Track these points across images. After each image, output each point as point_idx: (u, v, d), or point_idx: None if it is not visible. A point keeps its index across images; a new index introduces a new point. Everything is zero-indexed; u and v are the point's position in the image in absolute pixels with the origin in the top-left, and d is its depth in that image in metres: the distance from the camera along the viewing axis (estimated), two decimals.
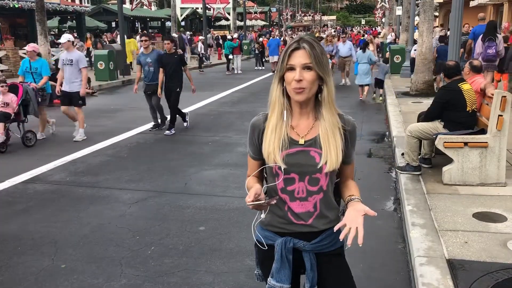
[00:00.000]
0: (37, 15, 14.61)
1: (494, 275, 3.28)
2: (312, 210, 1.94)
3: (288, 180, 1.92)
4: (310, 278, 1.97)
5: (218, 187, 5.82)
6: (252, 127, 1.99)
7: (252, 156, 2.02)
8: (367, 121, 9.67)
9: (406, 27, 19.82)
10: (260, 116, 1.99)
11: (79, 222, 4.79)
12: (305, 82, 1.80)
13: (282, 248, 1.95)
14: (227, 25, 44.54)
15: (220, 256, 3.98)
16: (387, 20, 37.37)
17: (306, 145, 1.90)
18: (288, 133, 1.90)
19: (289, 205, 1.94)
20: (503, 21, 20.19)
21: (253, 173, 2.01)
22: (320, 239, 1.97)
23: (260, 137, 1.96)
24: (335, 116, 1.91)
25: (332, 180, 1.98)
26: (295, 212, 1.94)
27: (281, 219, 1.97)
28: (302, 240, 1.96)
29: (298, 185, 1.92)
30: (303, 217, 1.94)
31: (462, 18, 7.44)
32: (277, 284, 1.96)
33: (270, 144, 1.89)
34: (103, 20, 34.76)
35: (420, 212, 4.42)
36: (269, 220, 1.98)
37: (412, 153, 5.54)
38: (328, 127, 1.88)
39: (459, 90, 5.35)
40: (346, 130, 1.93)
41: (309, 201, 1.93)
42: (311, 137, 1.91)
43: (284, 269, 1.95)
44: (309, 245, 1.96)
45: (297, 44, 1.83)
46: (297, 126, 1.93)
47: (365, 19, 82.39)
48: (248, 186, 1.93)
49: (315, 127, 1.91)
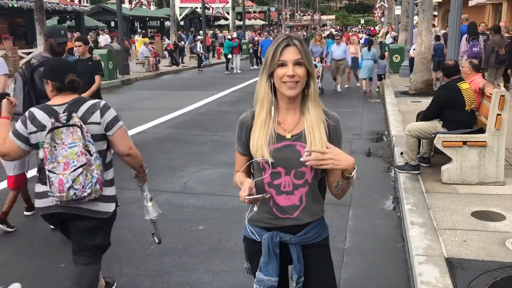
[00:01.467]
0: (36, 14, 14.60)
1: (493, 274, 3.29)
2: (298, 204, 2.00)
3: (274, 174, 1.97)
4: (297, 270, 2.03)
5: (217, 186, 5.83)
6: (240, 124, 2.06)
7: (240, 152, 2.09)
8: (366, 121, 9.67)
9: (405, 26, 19.85)
10: (248, 113, 2.05)
11: None
12: (297, 77, 1.88)
13: (269, 242, 2.00)
14: (226, 24, 44.55)
15: (220, 255, 3.99)
16: (386, 20, 37.41)
17: (293, 139, 1.96)
18: (275, 128, 1.96)
19: (274, 199, 2.00)
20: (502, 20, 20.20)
21: (242, 169, 2.06)
22: (305, 232, 2.03)
23: (248, 134, 2.02)
24: (320, 110, 1.98)
25: (318, 173, 2.02)
26: (280, 206, 2.00)
27: (267, 214, 2.02)
28: (288, 234, 2.02)
29: (284, 179, 1.98)
30: (288, 211, 2.00)
31: (460, 18, 7.46)
32: (265, 278, 2.01)
33: (258, 139, 1.95)
34: (102, 20, 34.77)
35: (419, 211, 4.43)
36: (255, 215, 2.02)
37: (411, 152, 5.55)
38: (314, 120, 1.95)
39: (458, 89, 5.36)
40: (330, 124, 1.98)
41: (295, 194, 1.99)
42: (297, 132, 1.97)
43: (271, 263, 2.01)
44: (295, 238, 2.02)
45: (288, 41, 1.90)
46: (283, 122, 1.99)
47: (364, 18, 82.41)
48: (238, 181, 1.97)
49: (301, 122, 1.98)
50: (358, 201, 5.07)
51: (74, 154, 2.59)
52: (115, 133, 2.78)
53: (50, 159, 2.60)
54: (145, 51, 20.60)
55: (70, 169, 2.58)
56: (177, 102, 12.26)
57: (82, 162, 2.60)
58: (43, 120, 2.68)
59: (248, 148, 2.01)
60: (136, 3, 23.48)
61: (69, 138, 2.61)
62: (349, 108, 11.09)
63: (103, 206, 2.79)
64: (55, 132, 2.61)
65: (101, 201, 2.77)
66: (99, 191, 2.69)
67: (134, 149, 2.91)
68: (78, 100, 2.79)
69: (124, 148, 2.84)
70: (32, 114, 2.73)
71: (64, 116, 2.67)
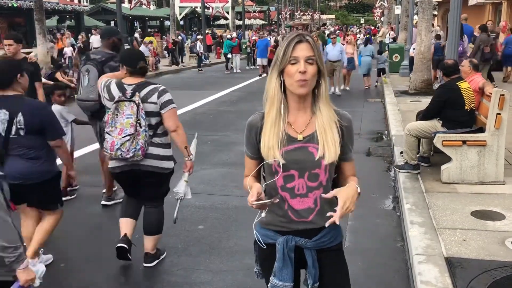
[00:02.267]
0: (36, 14, 14.57)
1: (492, 273, 3.29)
2: (312, 206, 1.94)
3: (287, 177, 1.92)
4: (312, 275, 1.97)
5: (217, 186, 5.83)
6: (249, 126, 1.98)
7: (250, 156, 2.02)
8: (366, 120, 9.67)
9: (405, 26, 19.84)
10: (256, 115, 1.98)
11: (78, 221, 4.79)
12: (308, 74, 1.82)
13: (284, 247, 1.94)
14: (226, 24, 44.52)
15: (219, 255, 3.99)
16: (386, 19, 37.39)
17: (305, 141, 1.91)
18: (285, 129, 1.90)
19: (289, 203, 1.94)
20: (501, 19, 20.18)
21: (252, 173, 1.99)
22: (320, 236, 1.98)
23: (258, 136, 1.95)
24: (332, 110, 1.93)
25: (331, 175, 1.98)
26: (296, 210, 1.94)
27: (282, 218, 1.97)
28: (303, 238, 1.96)
29: (298, 182, 1.92)
30: (304, 214, 1.94)
31: (460, 17, 7.45)
32: (280, 283, 1.96)
33: (269, 140, 1.89)
34: (102, 20, 34.72)
35: (418, 211, 4.43)
36: (269, 219, 1.97)
37: (411, 151, 5.55)
38: (325, 120, 1.89)
39: (458, 88, 5.35)
40: (343, 125, 1.94)
41: (310, 197, 1.93)
42: (309, 133, 1.91)
43: (286, 268, 1.95)
44: (311, 242, 1.97)
45: (300, 37, 1.84)
46: (294, 122, 1.93)
47: (364, 18, 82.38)
48: (248, 185, 1.93)
49: (312, 123, 1.92)
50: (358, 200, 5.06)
51: (128, 124, 3.35)
52: (167, 112, 3.53)
53: (110, 124, 3.40)
54: (144, 51, 20.56)
55: (122, 134, 3.34)
56: (177, 101, 12.04)
57: (131, 132, 3.34)
58: (114, 92, 3.46)
59: (258, 151, 1.94)
60: (136, 2, 23.44)
61: (128, 110, 3.35)
62: (349, 107, 11.08)
63: (166, 164, 3.63)
64: (119, 104, 3.38)
65: (163, 159, 3.60)
66: (141, 156, 3.43)
67: (180, 128, 3.62)
68: (144, 83, 3.52)
69: (172, 125, 3.57)
70: (109, 85, 3.54)
71: (130, 93, 3.41)
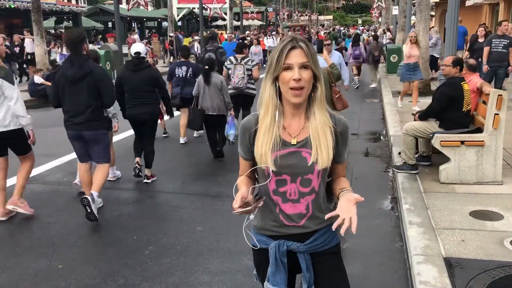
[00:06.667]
0: (33, 15, 14.58)
1: (491, 273, 3.29)
2: (304, 212, 1.93)
3: (280, 181, 1.91)
4: (306, 279, 1.96)
5: (215, 187, 5.82)
6: (243, 129, 1.97)
7: (244, 157, 2.01)
8: (364, 121, 9.67)
9: (402, 26, 19.84)
10: (251, 117, 1.96)
11: (76, 222, 4.78)
12: (303, 81, 1.79)
13: (276, 251, 1.94)
14: (224, 25, 44.48)
15: (218, 256, 3.98)
16: (383, 20, 37.44)
17: (298, 145, 1.89)
18: (280, 134, 1.88)
19: (281, 207, 1.93)
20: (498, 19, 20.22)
21: (245, 173, 1.99)
22: (313, 239, 1.96)
23: (251, 139, 1.94)
24: (326, 115, 1.90)
25: (324, 180, 1.97)
26: (287, 214, 1.93)
27: (273, 222, 1.96)
28: (296, 242, 1.95)
29: (290, 187, 1.91)
30: (295, 219, 1.93)
31: (458, 18, 7.46)
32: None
33: (262, 146, 1.87)
34: (100, 21, 34.66)
35: (417, 211, 4.43)
36: (261, 224, 1.98)
37: (409, 151, 5.55)
38: (319, 125, 1.87)
39: (461, 88, 5.34)
40: (337, 131, 1.91)
41: (301, 202, 1.92)
42: (303, 138, 1.89)
43: (279, 273, 1.95)
44: (303, 246, 1.96)
45: (293, 43, 1.81)
46: (289, 127, 1.91)
47: (361, 18, 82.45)
48: (238, 187, 1.92)
49: (306, 127, 1.90)
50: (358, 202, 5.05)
51: (240, 73, 7.37)
52: (254, 69, 7.53)
53: (233, 73, 7.40)
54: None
55: (239, 77, 7.35)
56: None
57: (242, 76, 7.37)
58: (233, 60, 7.50)
59: (252, 153, 1.93)
60: (134, 3, 23.37)
61: (240, 67, 7.40)
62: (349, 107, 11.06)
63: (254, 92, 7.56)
64: (236, 65, 7.43)
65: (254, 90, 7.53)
66: (244, 86, 7.43)
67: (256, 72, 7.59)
68: (244, 57, 7.58)
69: (256, 74, 7.54)
70: (230, 57, 7.68)
71: (239, 60, 7.46)
